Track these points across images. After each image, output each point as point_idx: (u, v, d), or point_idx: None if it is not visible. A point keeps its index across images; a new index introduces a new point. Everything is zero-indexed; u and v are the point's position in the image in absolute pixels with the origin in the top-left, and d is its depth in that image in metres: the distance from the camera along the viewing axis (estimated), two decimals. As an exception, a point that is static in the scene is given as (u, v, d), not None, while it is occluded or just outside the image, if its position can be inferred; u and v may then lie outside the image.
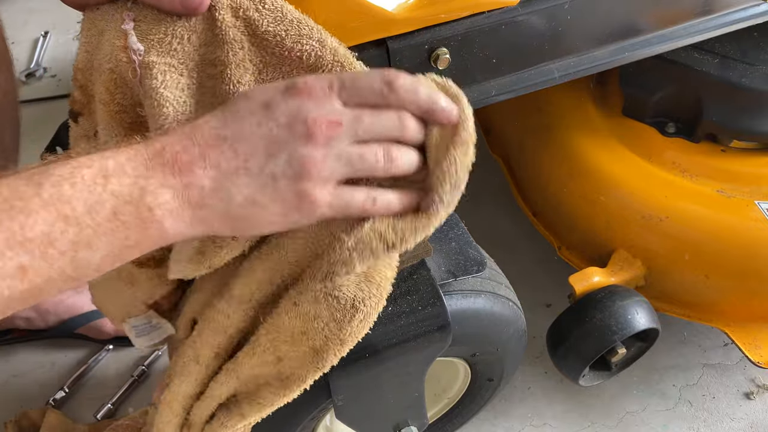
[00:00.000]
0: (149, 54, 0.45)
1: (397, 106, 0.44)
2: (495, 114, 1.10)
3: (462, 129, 0.45)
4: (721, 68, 0.87)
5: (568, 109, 0.97)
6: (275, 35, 0.46)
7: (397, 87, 0.44)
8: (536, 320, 1.01)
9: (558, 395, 0.95)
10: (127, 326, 0.61)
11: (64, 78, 1.51)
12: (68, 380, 0.98)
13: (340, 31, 0.61)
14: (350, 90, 0.43)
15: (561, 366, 0.83)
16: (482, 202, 1.20)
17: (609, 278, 0.84)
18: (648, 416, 0.93)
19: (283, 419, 0.63)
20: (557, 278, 1.05)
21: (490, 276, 0.67)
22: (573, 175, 0.91)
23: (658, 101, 0.91)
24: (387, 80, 0.44)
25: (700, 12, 0.77)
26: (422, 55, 0.65)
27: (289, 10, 0.47)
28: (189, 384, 0.57)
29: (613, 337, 0.77)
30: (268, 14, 0.46)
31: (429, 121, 0.46)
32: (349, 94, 0.43)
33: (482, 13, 0.65)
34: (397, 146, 0.45)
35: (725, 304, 0.85)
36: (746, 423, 0.92)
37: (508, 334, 0.70)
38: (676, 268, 0.84)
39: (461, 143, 0.45)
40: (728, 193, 0.85)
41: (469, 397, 0.82)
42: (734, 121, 0.88)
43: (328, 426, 0.79)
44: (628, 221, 0.86)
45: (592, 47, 0.74)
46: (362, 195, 0.44)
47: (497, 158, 1.08)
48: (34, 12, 1.71)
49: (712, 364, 0.98)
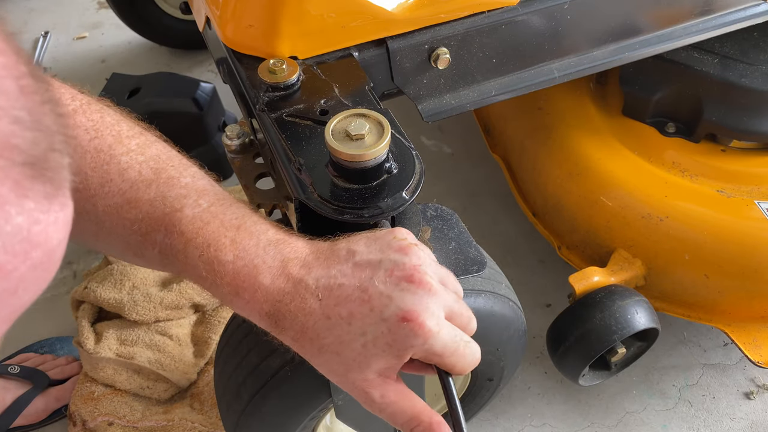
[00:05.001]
0: None
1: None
2: (495, 114, 1.10)
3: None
4: (721, 68, 0.87)
5: (568, 109, 0.97)
6: None
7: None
8: (536, 320, 1.01)
9: (558, 395, 0.95)
10: None
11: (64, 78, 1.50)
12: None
13: (340, 31, 0.61)
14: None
15: (561, 366, 0.83)
16: (482, 202, 1.20)
17: (609, 278, 0.84)
18: (648, 416, 0.93)
19: (283, 419, 0.63)
20: (557, 278, 1.05)
21: (490, 275, 0.67)
22: (573, 175, 0.91)
23: (658, 101, 0.91)
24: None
25: (700, 12, 0.77)
26: (422, 54, 0.65)
27: None
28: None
29: (612, 337, 0.77)
30: None
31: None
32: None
33: (482, 13, 0.65)
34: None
35: (725, 304, 0.85)
36: (746, 423, 0.92)
37: (508, 333, 0.70)
38: (676, 267, 0.84)
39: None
40: (728, 192, 0.86)
41: (469, 397, 0.82)
42: (734, 120, 0.88)
43: (328, 426, 0.79)
44: (628, 221, 0.86)
45: (592, 47, 0.74)
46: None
47: (497, 158, 1.08)
48: (34, 12, 1.71)
49: (712, 364, 0.98)
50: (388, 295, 0.41)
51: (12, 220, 0.21)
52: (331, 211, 0.48)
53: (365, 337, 0.42)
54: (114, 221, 0.45)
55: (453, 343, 0.42)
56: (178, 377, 0.91)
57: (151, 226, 0.45)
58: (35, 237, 0.22)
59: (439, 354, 0.42)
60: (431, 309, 0.42)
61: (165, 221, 0.44)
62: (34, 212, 0.22)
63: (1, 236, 0.20)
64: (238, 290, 0.43)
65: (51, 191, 0.22)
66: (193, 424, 0.87)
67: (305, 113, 0.56)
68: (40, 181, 0.22)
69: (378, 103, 0.57)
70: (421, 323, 0.41)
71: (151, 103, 1.11)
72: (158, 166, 0.46)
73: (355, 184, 0.49)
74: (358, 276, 0.43)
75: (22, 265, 0.22)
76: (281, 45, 0.60)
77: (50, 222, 0.22)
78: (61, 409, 0.93)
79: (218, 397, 0.68)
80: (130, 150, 0.46)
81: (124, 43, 1.58)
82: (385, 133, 0.48)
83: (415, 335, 0.41)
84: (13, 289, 0.22)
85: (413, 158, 0.51)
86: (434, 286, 0.42)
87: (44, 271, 0.23)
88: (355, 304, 0.42)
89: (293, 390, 0.60)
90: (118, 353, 0.90)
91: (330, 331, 0.42)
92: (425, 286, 0.42)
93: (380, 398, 0.43)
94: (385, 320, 0.41)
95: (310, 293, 0.43)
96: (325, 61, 0.62)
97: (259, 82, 0.57)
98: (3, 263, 0.21)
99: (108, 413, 0.88)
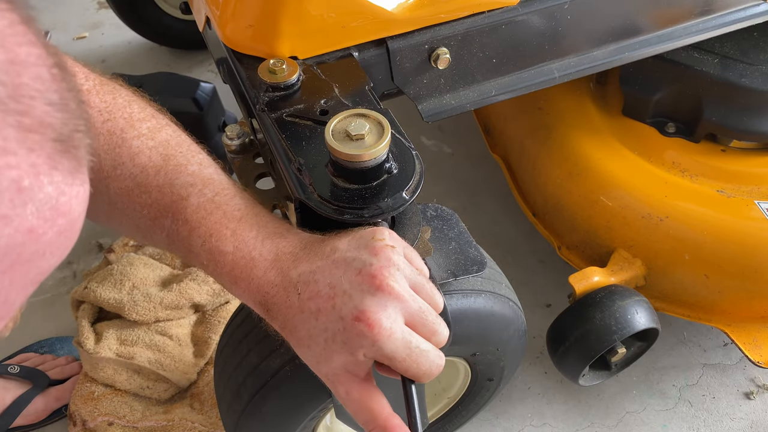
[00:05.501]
0: None
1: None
2: (495, 114, 1.10)
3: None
4: (721, 68, 0.87)
5: (568, 109, 0.97)
6: None
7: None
8: (536, 320, 1.01)
9: (558, 395, 0.95)
10: None
11: (64, 78, 1.51)
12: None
13: (340, 31, 0.61)
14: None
15: (561, 366, 0.83)
16: (482, 202, 1.20)
17: (609, 278, 0.84)
18: (648, 416, 0.93)
19: (283, 419, 0.63)
20: (557, 278, 1.05)
21: (490, 275, 0.67)
22: (573, 175, 0.91)
23: (658, 101, 0.91)
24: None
25: (700, 12, 0.77)
26: (422, 54, 0.65)
27: None
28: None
29: (612, 337, 0.77)
30: None
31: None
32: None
33: (482, 12, 0.65)
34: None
35: (725, 304, 0.85)
36: (746, 423, 0.92)
37: (508, 333, 0.70)
38: (676, 267, 0.84)
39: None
40: (728, 192, 0.85)
41: (469, 397, 0.82)
42: (734, 120, 0.88)
43: (328, 425, 0.79)
44: (628, 221, 0.86)
45: (592, 47, 0.74)
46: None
47: (497, 158, 1.08)
48: (34, 12, 1.71)
49: (712, 364, 0.98)
50: (350, 294, 0.43)
51: (44, 188, 0.23)
52: (331, 211, 0.48)
53: (326, 333, 0.43)
54: (125, 203, 0.47)
55: (405, 349, 0.42)
56: (178, 377, 0.91)
57: (160, 212, 0.47)
58: (62, 206, 0.24)
59: (389, 357, 0.42)
60: (387, 312, 0.42)
61: (172, 208, 0.46)
62: (61, 184, 0.24)
63: (35, 202, 0.23)
64: (235, 280, 0.45)
65: (75, 167, 0.25)
66: (193, 424, 0.87)
67: (305, 113, 0.56)
68: (66, 157, 0.24)
69: (378, 103, 0.57)
70: (371, 324, 0.41)
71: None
72: (167, 152, 0.48)
73: (355, 184, 0.49)
74: (331, 273, 0.44)
75: (50, 231, 0.24)
76: (281, 45, 0.60)
77: (73, 195, 0.25)
78: (61, 409, 0.93)
79: (218, 397, 0.68)
80: (141, 134, 0.48)
81: (124, 43, 1.58)
82: (385, 133, 0.48)
83: (364, 336, 0.41)
84: (42, 251, 0.24)
85: (413, 158, 0.51)
86: (396, 290, 0.43)
87: (67, 239, 0.25)
88: (323, 300, 0.43)
89: (293, 390, 0.60)
90: (118, 353, 0.90)
91: (303, 325, 0.44)
92: (386, 289, 0.42)
93: (345, 394, 0.44)
94: (342, 318, 0.42)
95: (292, 287, 0.44)
96: (325, 61, 0.62)
97: (259, 82, 0.57)
98: (35, 227, 0.23)
99: (108, 413, 0.88)
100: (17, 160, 0.22)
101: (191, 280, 0.94)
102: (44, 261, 0.24)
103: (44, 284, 1.09)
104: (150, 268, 0.97)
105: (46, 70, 0.24)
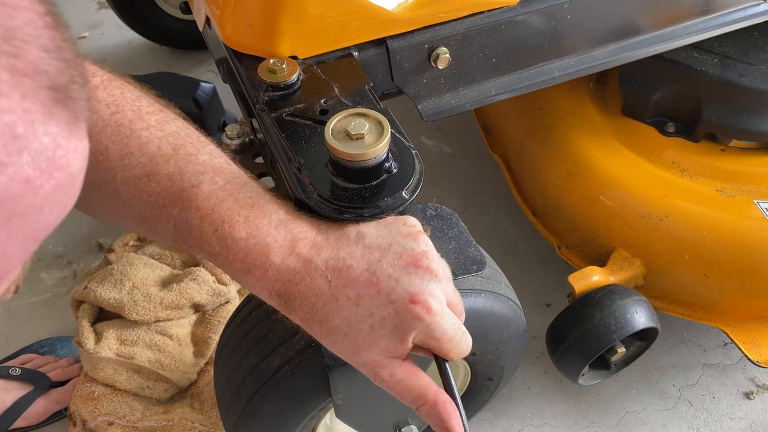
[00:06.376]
0: None
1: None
2: (495, 114, 1.10)
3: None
4: (721, 68, 0.87)
5: (567, 108, 0.97)
6: None
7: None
8: (536, 320, 1.01)
9: (558, 395, 0.95)
10: None
11: (64, 78, 1.51)
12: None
13: (340, 31, 0.61)
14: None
15: (560, 365, 0.83)
16: (482, 201, 1.20)
17: (608, 277, 0.84)
18: (648, 416, 0.93)
19: (283, 419, 0.63)
20: (557, 278, 1.05)
21: (489, 275, 0.67)
22: (573, 175, 0.91)
23: (657, 101, 0.91)
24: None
25: (700, 12, 0.77)
26: (422, 54, 0.65)
27: None
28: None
29: (612, 336, 0.77)
30: None
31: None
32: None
33: (482, 12, 0.65)
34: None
35: (725, 304, 0.85)
36: (746, 423, 0.92)
37: (508, 333, 0.70)
38: (675, 267, 0.84)
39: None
40: (728, 192, 0.86)
41: (469, 397, 0.82)
42: (734, 120, 0.88)
43: (328, 425, 0.79)
44: (628, 220, 0.86)
45: (592, 47, 0.74)
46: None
47: (497, 158, 1.08)
48: None
49: (712, 364, 0.98)
50: (396, 277, 0.42)
51: (39, 138, 0.22)
52: (331, 210, 0.49)
53: (372, 318, 0.42)
54: (132, 193, 0.46)
55: (452, 330, 0.43)
56: (178, 377, 0.91)
57: (168, 200, 0.46)
58: (59, 159, 0.23)
59: (437, 338, 0.43)
60: (436, 294, 0.43)
61: (182, 196, 0.46)
62: (57, 137, 0.23)
63: (30, 151, 0.22)
64: (249, 268, 0.44)
65: (72, 119, 0.24)
66: (193, 424, 0.87)
67: (305, 113, 0.56)
68: (62, 107, 0.23)
69: (378, 103, 0.57)
70: (428, 306, 0.42)
71: (151, 103, 1.11)
72: (177, 142, 0.48)
73: (355, 183, 0.49)
74: (367, 258, 0.43)
75: (47, 184, 0.23)
76: (281, 44, 0.60)
77: (71, 149, 0.24)
78: (60, 411, 0.93)
79: (218, 397, 0.68)
80: (150, 125, 0.47)
81: (124, 43, 1.58)
82: (384, 132, 0.48)
83: (420, 318, 0.42)
84: (39, 205, 0.23)
85: (413, 158, 0.51)
86: (439, 273, 0.43)
87: (66, 195, 0.24)
88: (363, 286, 0.43)
89: (293, 390, 0.60)
90: (118, 353, 0.90)
91: (338, 313, 0.43)
92: (432, 272, 0.43)
93: (389, 377, 0.44)
94: (392, 302, 0.42)
95: (319, 274, 0.43)
96: (325, 60, 0.62)
97: (259, 82, 0.58)
98: (32, 178, 0.22)
99: (108, 413, 0.88)
100: (10, 104, 0.21)
101: (191, 280, 0.94)
102: (42, 216, 0.23)
103: (44, 284, 1.09)
104: (150, 268, 0.98)
105: (38, 17, 0.23)
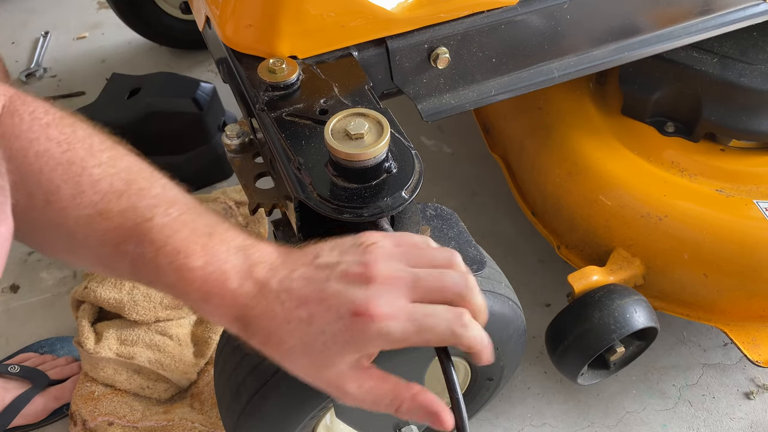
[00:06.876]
0: None
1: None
2: (494, 114, 1.10)
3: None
4: (720, 68, 0.87)
5: (567, 108, 0.97)
6: None
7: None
8: (536, 320, 1.01)
9: (558, 395, 0.95)
10: None
11: (64, 78, 1.51)
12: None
13: (339, 31, 0.61)
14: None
15: (560, 365, 0.83)
16: (482, 201, 1.20)
17: (608, 277, 0.84)
18: (648, 416, 0.93)
19: (283, 419, 0.63)
20: (556, 277, 1.05)
21: (489, 275, 0.67)
22: (572, 175, 0.91)
23: (657, 101, 0.92)
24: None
25: (700, 12, 0.77)
26: (422, 54, 0.65)
27: None
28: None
29: (611, 336, 0.77)
30: None
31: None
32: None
33: (482, 12, 0.65)
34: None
35: (724, 304, 0.85)
36: (746, 423, 0.92)
37: (508, 333, 0.70)
38: (675, 267, 0.84)
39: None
40: (727, 192, 0.86)
41: (469, 397, 0.82)
42: (733, 120, 0.88)
43: (328, 425, 0.79)
44: (627, 220, 0.86)
45: (592, 47, 0.74)
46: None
47: (497, 158, 1.08)
48: (34, 12, 1.71)
49: (712, 364, 0.98)
50: (342, 292, 0.42)
51: None
52: (331, 210, 0.49)
53: (324, 335, 0.42)
54: (86, 233, 0.45)
55: (411, 323, 0.42)
56: (178, 377, 0.91)
57: (123, 237, 0.45)
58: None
59: (402, 340, 0.42)
60: (384, 298, 0.42)
61: (136, 231, 0.45)
62: None
63: None
64: (207, 296, 0.44)
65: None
66: (193, 424, 0.87)
67: (305, 113, 0.56)
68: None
69: (377, 103, 0.57)
70: (371, 315, 0.41)
71: (151, 103, 1.11)
72: (129, 177, 0.47)
73: (355, 183, 0.49)
74: (318, 277, 0.43)
75: None
76: (281, 44, 0.60)
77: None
78: (61, 409, 0.93)
79: (218, 397, 0.68)
80: (101, 162, 0.46)
81: (124, 43, 1.59)
82: (384, 132, 0.48)
83: (369, 328, 0.41)
84: None
85: (413, 158, 0.51)
86: (386, 274, 0.42)
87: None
88: (314, 304, 0.42)
89: (293, 389, 0.60)
90: (118, 353, 0.90)
91: (291, 335, 0.42)
92: (376, 278, 0.42)
93: (358, 389, 0.43)
94: (341, 317, 0.41)
95: (273, 296, 0.43)
96: (325, 60, 0.62)
97: (259, 82, 0.58)
98: None
99: (108, 413, 0.88)
100: None
101: (191, 280, 0.94)
102: None
103: (44, 284, 1.09)
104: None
105: None
